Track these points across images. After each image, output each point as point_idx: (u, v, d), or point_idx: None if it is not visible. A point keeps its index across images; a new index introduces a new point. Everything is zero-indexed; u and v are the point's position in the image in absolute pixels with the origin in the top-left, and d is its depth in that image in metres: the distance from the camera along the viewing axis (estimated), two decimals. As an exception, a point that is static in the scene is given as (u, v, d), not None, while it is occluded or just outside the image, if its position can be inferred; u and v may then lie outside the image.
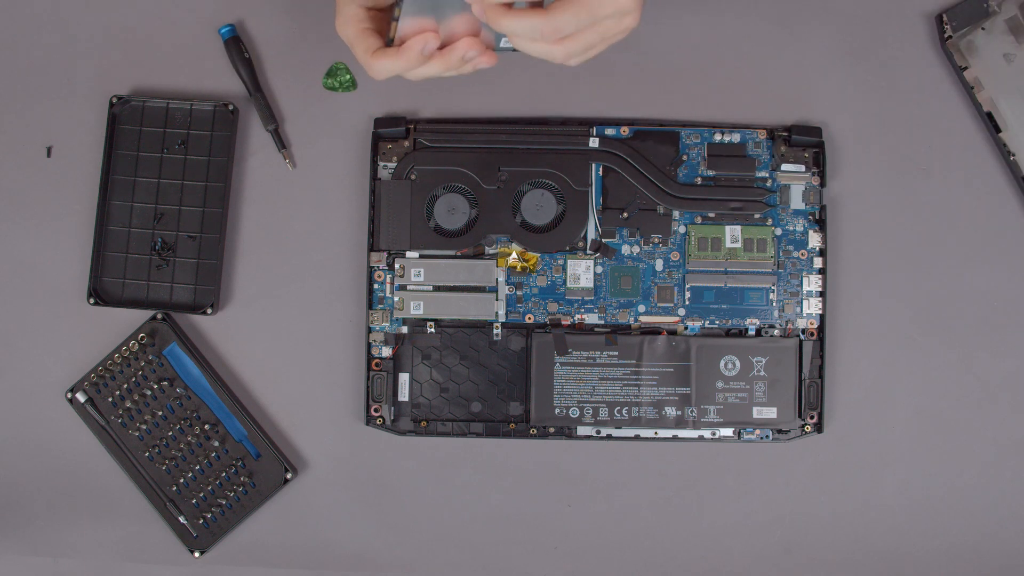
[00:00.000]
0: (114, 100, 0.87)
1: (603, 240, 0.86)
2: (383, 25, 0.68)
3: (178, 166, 0.87)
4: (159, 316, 0.86)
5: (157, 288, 0.87)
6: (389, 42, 0.66)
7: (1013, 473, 0.87)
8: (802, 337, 0.86)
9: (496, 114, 0.88)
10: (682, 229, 0.86)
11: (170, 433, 0.86)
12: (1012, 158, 0.85)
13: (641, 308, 0.86)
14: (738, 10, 0.87)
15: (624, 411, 0.85)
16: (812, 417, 0.86)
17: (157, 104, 0.87)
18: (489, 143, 0.86)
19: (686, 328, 0.86)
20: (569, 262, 0.86)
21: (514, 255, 0.86)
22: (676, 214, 0.86)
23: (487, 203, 0.86)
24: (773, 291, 0.86)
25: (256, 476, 0.86)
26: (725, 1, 0.88)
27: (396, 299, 0.86)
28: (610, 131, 0.86)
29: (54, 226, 0.88)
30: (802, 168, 0.86)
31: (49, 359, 0.87)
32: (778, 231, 0.86)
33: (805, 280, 0.86)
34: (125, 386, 0.86)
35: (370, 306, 0.86)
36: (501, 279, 0.86)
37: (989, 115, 0.86)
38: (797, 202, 0.86)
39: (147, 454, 0.86)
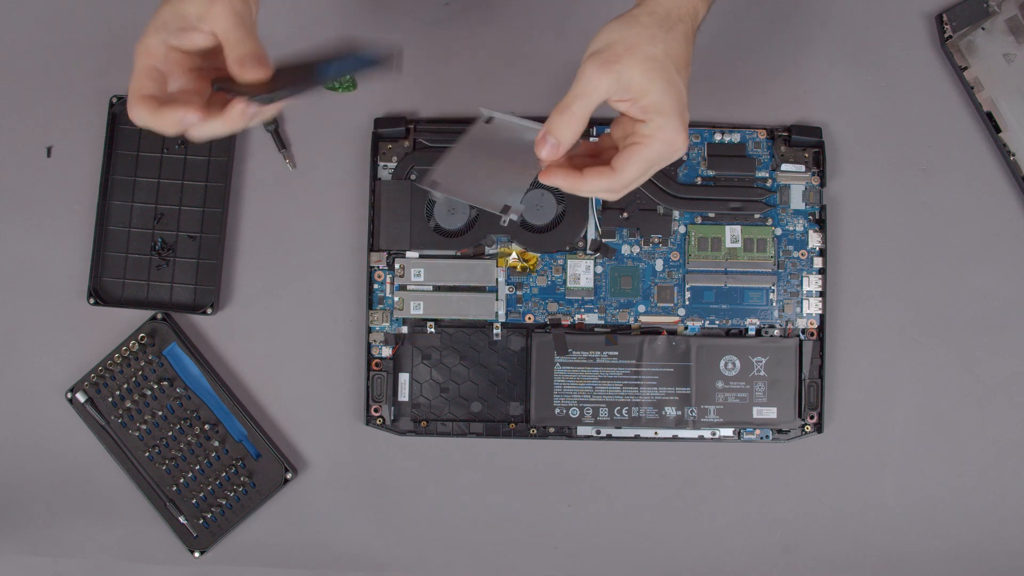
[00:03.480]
0: (114, 100, 0.87)
1: (603, 240, 0.86)
2: (174, 68, 0.65)
3: (178, 166, 0.87)
4: (159, 316, 0.86)
5: (157, 288, 0.87)
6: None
7: (1013, 473, 0.87)
8: (802, 337, 0.86)
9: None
10: (682, 229, 0.86)
11: (170, 433, 0.86)
12: (1012, 158, 0.85)
13: (641, 308, 0.86)
14: (738, 10, 0.87)
15: (624, 411, 0.85)
16: (812, 417, 0.86)
17: (157, 104, 0.87)
18: (489, 143, 0.86)
19: (686, 328, 0.86)
20: (569, 262, 0.86)
21: (514, 255, 0.86)
22: (676, 214, 0.86)
23: (487, 203, 0.86)
24: (773, 291, 0.86)
25: (256, 476, 0.86)
26: (725, 1, 0.87)
27: (396, 299, 0.86)
28: (610, 131, 0.86)
29: (54, 226, 0.88)
30: (802, 168, 0.86)
31: (49, 359, 0.87)
32: (778, 231, 0.86)
33: (805, 280, 0.86)
34: (125, 386, 0.86)
35: (370, 306, 0.86)
36: (501, 279, 0.86)
37: (989, 115, 0.86)
38: (797, 202, 0.86)
39: (147, 454, 0.86)
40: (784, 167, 0.86)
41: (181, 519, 0.86)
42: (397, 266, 0.86)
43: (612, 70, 0.63)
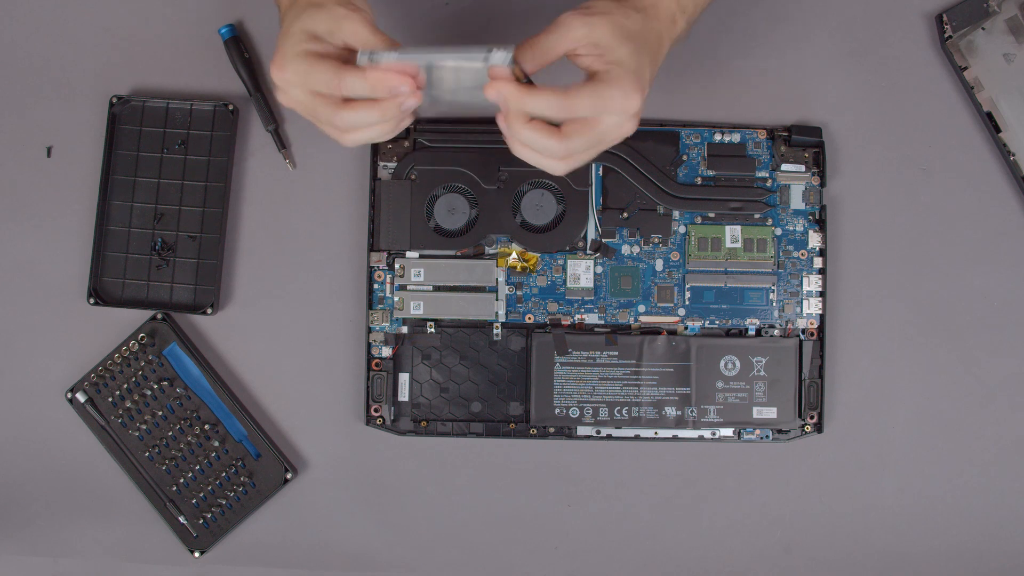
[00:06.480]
0: (114, 100, 0.87)
1: (603, 240, 0.86)
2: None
3: (178, 166, 0.87)
4: (159, 316, 0.86)
5: (157, 288, 0.87)
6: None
7: (1013, 473, 0.87)
8: (802, 337, 0.86)
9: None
10: (682, 229, 0.86)
11: (170, 433, 0.86)
12: (1012, 158, 0.85)
13: (641, 308, 0.86)
14: (738, 10, 0.87)
15: (624, 411, 0.85)
16: (812, 417, 0.86)
17: (157, 104, 0.87)
18: (489, 143, 0.86)
19: (686, 328, 0.86)
20: (569, 262, 0.86)
21: (514, 255, 0.86)
22: (676, 214, 0.86)
23: (487, 203, 0.86)
24: (773, 291, 0.86)
25: (256, 476, 0.86)
26: (725, 1, 0.88)
27: (396, 299, 0.86)
28: (610, 131, 0.86)
29: (54, 226, 0.88)
30: (802, 168, 0.86)
31: (49, 359, 0.87)
32: (778, 231, 0.86)
33: (805, 280, 0.86)
34: (125, 386, 0.86)
35: (370, 306, 0.86)
36: (501, 279, 0.86)
37: (989, 115, 0.86)
38: (797, 202, 0.86)
39: (147, 454, 0.86)
40: (784, 167, 0.86)
41: (181, 519, 0.86)
42: (397, 266, 0.86)
43: (587, 22, 0.66)
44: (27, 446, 0.88)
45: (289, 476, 0.86)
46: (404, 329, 0.86)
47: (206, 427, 0.86)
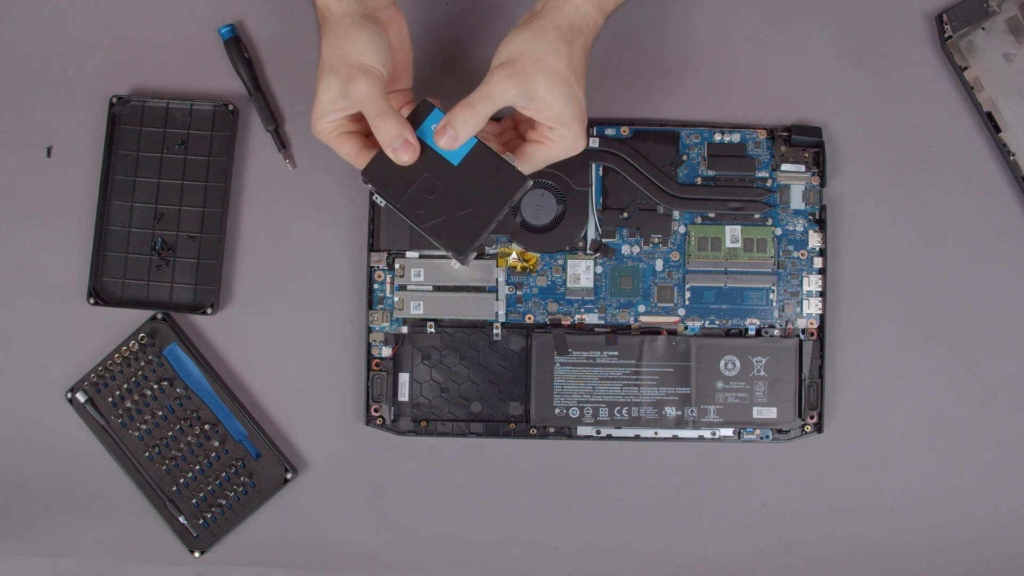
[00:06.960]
0: (114, 100, 0.87)
1: (603, 240, 0.86)
2: (357, 123, 0.73)
3: (178, 166, 0.87)
4: (159, 316, 0.86)
5: (157, 288, 0.87)
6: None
7: (1013, 473, 0.87)
8: (802, 337, 0.86)
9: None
10: (682, 229, 0.86)
11: (170, 433, 0.86)
12: (1012, 158, 0.86)
13: (641, 308, 0.86)
14: (738, 10, 0.87)
15: (624, 411, 0.85)
16: (812, 417, 0.86)
17: (157, 104, 0.87)
18: (489, 143, 0.85)
19: (686, 328, 0.86)
20: (569, 262, 0.86)
21: (514, 255, 0.86)
22: (676, 214, 0.86)
23: (487, 203, 0.86)
24: (773, 291, 0.86)
25: (256, 476, 0.86)
26: (725, 1, 0.88)
27: (396, 299, 0.86)
28: (610, 131, 0.86)
29: (54, 226, 0.88)
30: (802, 168, 0.86)
31: (49, 359, 0.87)
32: (778, 231, 0.86)
33: (805, 280, 0.86)
34: (125, 386, 0.86)
35: (370, 306, 0.86)
36: (501, 279, 0.86)
37: (989, 115, 0.86)
38: (797, 202, 0.86)
39: (147, 454, 0.86)
40: (784, 167, 0.86)
41: (181, 519, 0.86)
42: (397, 266, 0.86)
43: (518, 81, 0.68)
44: (27, 446, 0.88)
45: (289, 476, 0.86)
46: (404, 329, 0.86)
47: (206, 427, 0.86)
